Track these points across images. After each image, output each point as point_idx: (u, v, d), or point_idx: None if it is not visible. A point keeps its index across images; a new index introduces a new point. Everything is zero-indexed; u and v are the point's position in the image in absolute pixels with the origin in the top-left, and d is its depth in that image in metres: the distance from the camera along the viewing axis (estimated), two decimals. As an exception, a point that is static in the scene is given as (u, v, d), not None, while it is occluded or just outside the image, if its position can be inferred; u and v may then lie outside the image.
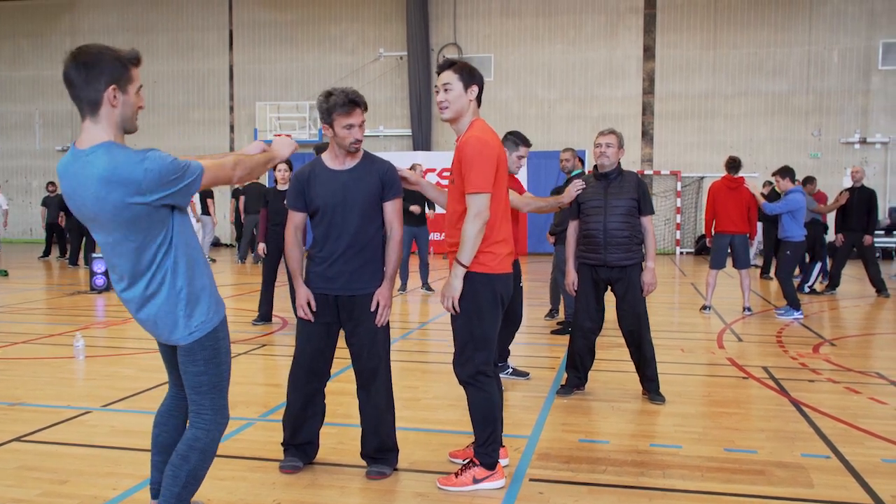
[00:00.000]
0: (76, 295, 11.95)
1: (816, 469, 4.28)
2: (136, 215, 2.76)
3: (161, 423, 3.31)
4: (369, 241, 4.06)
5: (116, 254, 2.88)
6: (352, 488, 3.99)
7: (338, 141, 4.00)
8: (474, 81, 3.96)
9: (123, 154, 2.72)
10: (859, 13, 20.99)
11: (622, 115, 21.89)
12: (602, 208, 5.60)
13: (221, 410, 3.11)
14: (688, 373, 6.74)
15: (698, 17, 21.66)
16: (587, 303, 5.76)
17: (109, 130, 2.79)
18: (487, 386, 3.98)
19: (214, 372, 3.05)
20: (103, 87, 2.74)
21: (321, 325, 4.09)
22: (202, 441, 3.06)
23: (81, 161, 2.75)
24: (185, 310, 2.94)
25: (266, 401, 5.70)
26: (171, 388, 3.34)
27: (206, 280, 3.03)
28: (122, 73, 2.78)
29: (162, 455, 3.28)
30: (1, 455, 4.43)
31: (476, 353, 3.94)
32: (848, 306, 11.33)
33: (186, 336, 2.97)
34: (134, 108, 2.86)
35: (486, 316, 3.93)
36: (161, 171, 2.74)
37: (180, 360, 3.04)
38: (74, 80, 2.75)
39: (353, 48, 23.44)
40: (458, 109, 3.96)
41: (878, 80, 21.03)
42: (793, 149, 21.09)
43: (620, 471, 4.25)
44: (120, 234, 2.82)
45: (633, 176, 5.72)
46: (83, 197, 2.77)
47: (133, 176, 2.69)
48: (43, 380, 6.32)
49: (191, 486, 3.06)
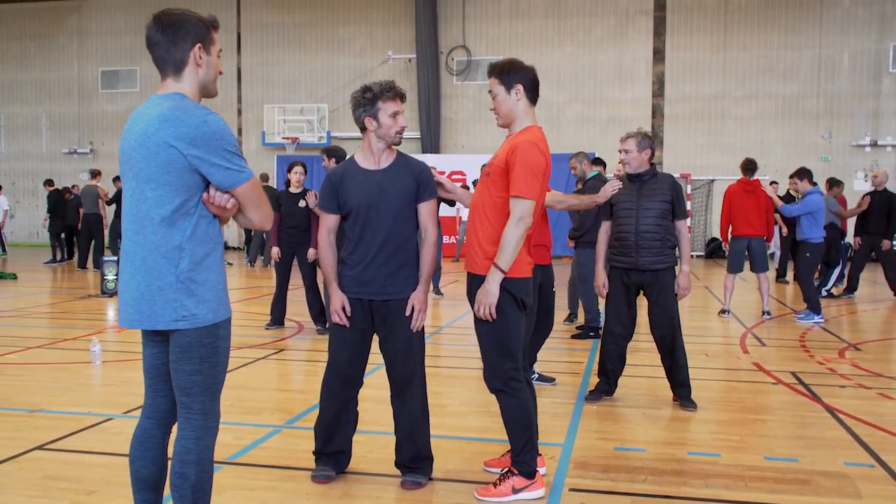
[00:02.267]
0: (87, 298, 11.86)
1: (862, 478, 4.17)
2: (171, 160, 2.69)
3: (138, 457, 2.97)
4: (404, 244, 3.96)
5: (137, 202, 2.78)
6: (387, 498, 3.88)
7: (381, 132, 3.89)
8: (517, 80, 3.84)
9: (193, 104, 2.75)
10: (870, 16, 20.87)
11: (632, 117, 21.77)
12: (634, 210, 5.47)
13: (211, 414, 2.87)
14: (716, 378, 6.63)
15: (708, 19, 21.56)
16: (617, 307, 5.64)
17: (190, 91, 2.83)
18: (520, 393, 3.87)
19: (209, 373, 2.83)
20: (189, 45, 2.80)
21: (356, 331, 3.98)
22: (193, 452, 2.83)
23: (154, 101, 2.79)
24: (178, 293, 2.73)
25: (290, 407, 5.59)
26: (146, 410, 3.00)
27: (216, 276, 2.83)
28: (206, 34, 2.85)
29: (144, 493, 2.97)
30: (23, 464, 4.33)
31: (503, 359, 3.83)
32: (867, 310, 11.21)
33: (173, 322, 2.74)
34: (215, 71, 2.90)
35: (509, 321, 3.82)
36: (217, 133, 2.71)
37: (173, 357, 2.81)
38: (159, 42, 2.79)
39: (362, 50, 23.36)
40: (506, 114, 3.88)
41: (888, 82, 20.92)
42: (803, 152, 20.94)
43: (661, 480, 4.14)
44: (146, 179, 2.73)
45: (668, 178, 5.58)
46: (133, 132, 2.77)
47: (190, 122, 2.69)
48: (61, 385, 6.22)
49: (200, 500, 2.85)
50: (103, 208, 16.45)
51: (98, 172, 16.90)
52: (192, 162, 2.70)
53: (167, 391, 2.95)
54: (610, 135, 21.21)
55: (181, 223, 2.75)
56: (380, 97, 3.85)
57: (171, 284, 2.74)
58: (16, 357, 7.31)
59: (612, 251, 5.63)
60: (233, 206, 2.82)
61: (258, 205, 2.85)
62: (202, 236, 2.79)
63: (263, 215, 2.88)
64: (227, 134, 2.76)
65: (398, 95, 3.90)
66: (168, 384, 2.94)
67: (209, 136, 2.70)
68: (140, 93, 24.76)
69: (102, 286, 12.10)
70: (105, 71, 25.16)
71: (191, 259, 2.76)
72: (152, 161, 2.71)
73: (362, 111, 3.90)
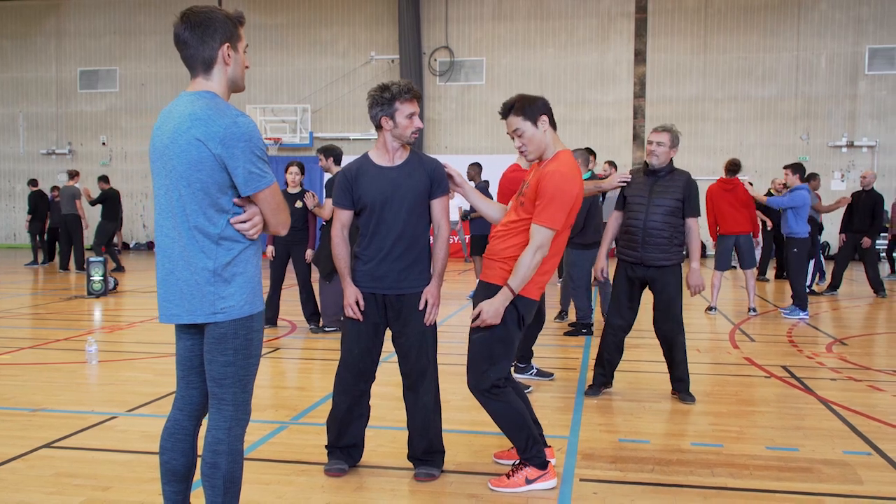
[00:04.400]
0: (73, 299, 11.78)
1: (862, 466, 4.28)
2: (202, 158, 2.73)
3: (168, 449, 3.01)
4: (417, 239, 4.01)
5: (170, 198, 2.80)
6: (402, 491, 3.93)
7: (397, 132, 3.94)
8: (540, 111, 3.91)
9: (224, 104, 2.80)
10: (846, 20, 21.21)
11: (613, 118, 21.98)
12: (645, 205, 5.53)
13: (243, 406, 2.91)
14: (710, 372, 6.74)
15: (689, 21, 21.79)
16: (619, 300, 5.72)
17: (220, 88, 2.87)
18: (503, 396, 3.94)
19: (243, 364, 2.86)
20: (218, 44, 2.83)
21: (370, 325, 4.02)
22: (224, 443, 2.87)
23: (185, 99, 2.82)
24: (215, 286, 2.79)
25: (293, 404, 5.62)
26: (178, 402, 3.04)
27: (252, 269, 2.89)
28: (233, 31, 2.87)
29: (175, 484, 3.01)
30: (33, 462, 4.33)
31: (490, 368, 3.91)
32: (848, 307, 11.41)
33: (211, 315, 2.79)
34: (243, 67, 2.94)
35: (508, 337, 3.92)
36: (246, 134, 2.75)
37: (207, 348, 2.85)
38: (188, 41, 2.82)
39: (345, 51, 23.35)
40: (537, 148, 3.94)
41: (864, 85, 21.27)
42: (782, 153, 21.23)
43: (668, 470, 4.22)
44: (180, 176, 2.76)
45: (684, 176, 5.63)
46: (164, 129, 2.81)
47: (221, 121, 2.72)
48: (59, 385, 6.20)
49: (231, 490, 2.90)
50: (81, 209, 16.23)
51: (76, 173, 16.71)
52: (221, 160, 2.74)
53: (199, 383, 2.99)
54: (592, 136, 21.38)
55: (217, 219, 2.79)
56: (398, 98, 3.89)
57: (208, 278, 2.79)
58: (9, 357, 7.26)
59: (620, 244, 5.69)
60: (256, 232, 2.87)
61: (276, 211, 2.88)
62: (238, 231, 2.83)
63: (280, 221, 2.92)
64: (256, 136, 2.79)
65: (416, 97, 3.96)
66: (200, 377, 2.98)
67: (238, 136, 2.73)
68: (120, 93, 24.60)
69: (88, 287, 12.00)
70: (84, 71, 24.93)
71: (228, 252, 2.81)
72: (183, 158, 2.75)
73: (379, 110, 3.94)
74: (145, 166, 24.49)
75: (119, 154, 24.84)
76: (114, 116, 24.80)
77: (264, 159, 2.81)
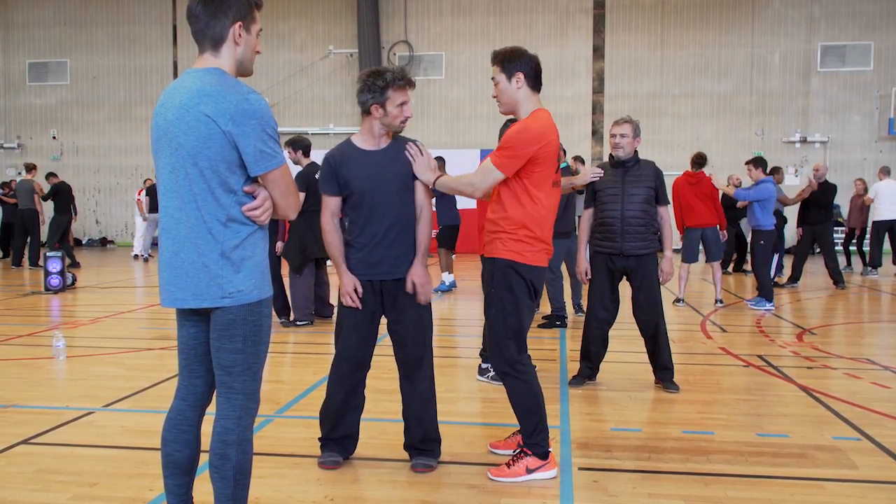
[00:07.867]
0: (31, 295, 11.42)
1: (853, 451, 4.33)
2: (211, 135, 2.62)
3: (171, 440, 2.90)
4: (409, 223, 3.94)
5: (177, 177, 2.69)
6: (401, 482, 3.86)
7: (386, 120, 3.86)
8: (518, 69, 3.89)
9: (234, 80, 2.71)
10: (799, 17, 21.63)
11: (573, 114, 22.08)
12: (619, 196, 5.55)
13: (253, 395, 2.81)
14: (688, 362, 6.77)
15: (646, 17, 22.00)
16: (601, 292, 5.72)
17: (228, 66, 2.76)
18: (526, 375, 3.92)
19: (252, 351, 2.76)
20: (230, 22, 2.73)
21: (367, 313, 3.94)
22: (234, 433, 2.77)
23: (192, 74, 2.72)
24: (223, 269, 2.68)
25: (276, 397, 5.51)
26: (181, 392, 2.92)
27: (261, 252, 2.79)
28: (248, 11, 2.77)
29: (178, 477, 2.91)
30: (12, 459, 4.16)
31: (510, 342, 3.89)
32: (811, 298, 11.62)
33: (218, 299, 2.68)
34: (253, 50, 2.83)
35: (521, 307, 3.89)
36: (257, 112, 2.64)
37: (215, 335, 2.74)
38: (200, 15, 2.72)
39: (302, 45, 23.07)
40: (508, 102, 3.94)
41: (817, 81, 21.71)
42: (737, 148, 21.57)
43: (664, 457, 4.22)
44: (187, 154, 2.64)
45: (651, 165, 5.69)
46: (169, 106, 2.70)
47: (231, 98, 2.62)
48: (29, 381, 5.98)
49: (241, 482, 2.82)
50: (39, 203, 15.82)
51: (33, 166, 16.23)
52: (231, 138, 2.64)
53: (203, 372, 2.88)
54: (552, 131, 21.43)
55: (225, 199, 2.68)
56: (391, 85, 3.81)
57: (216, 261, 2.67)
58: (-29, 354, 7.00)
59: (597, 237, 5.70)
60: (266, 217, 2.77)
61: (286, 193, 2.78)
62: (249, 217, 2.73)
63: (289, 204, 2.80)
64: (268, 115, 2.68)
65: (409, 84, 3.88)
66: (205, 365, 2.86)
67: (250, 113, 2.63)
68: (71, 86, 23.95)
69: (46, 283, 11.65)
70: (33, 63, 24.21)
71: (236, 235, 2.70)
72: (191, 134, 2.64)
73: (370, 97, 3.84)
74: (97, 161, 23.93)
75: (70, 148, 24.17)
76: (65, 110, 24.13)
77: (275, 139, 2.71)
